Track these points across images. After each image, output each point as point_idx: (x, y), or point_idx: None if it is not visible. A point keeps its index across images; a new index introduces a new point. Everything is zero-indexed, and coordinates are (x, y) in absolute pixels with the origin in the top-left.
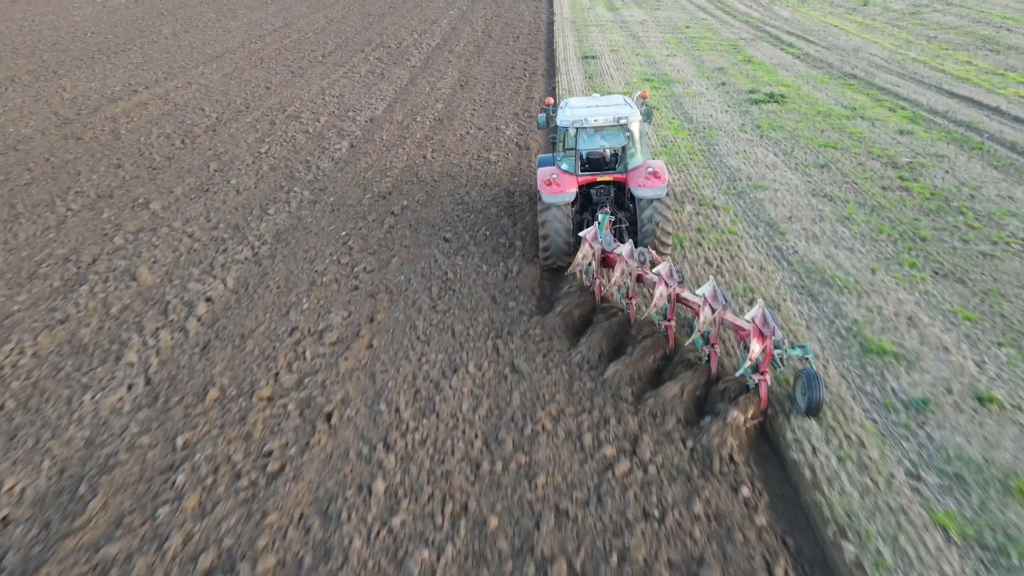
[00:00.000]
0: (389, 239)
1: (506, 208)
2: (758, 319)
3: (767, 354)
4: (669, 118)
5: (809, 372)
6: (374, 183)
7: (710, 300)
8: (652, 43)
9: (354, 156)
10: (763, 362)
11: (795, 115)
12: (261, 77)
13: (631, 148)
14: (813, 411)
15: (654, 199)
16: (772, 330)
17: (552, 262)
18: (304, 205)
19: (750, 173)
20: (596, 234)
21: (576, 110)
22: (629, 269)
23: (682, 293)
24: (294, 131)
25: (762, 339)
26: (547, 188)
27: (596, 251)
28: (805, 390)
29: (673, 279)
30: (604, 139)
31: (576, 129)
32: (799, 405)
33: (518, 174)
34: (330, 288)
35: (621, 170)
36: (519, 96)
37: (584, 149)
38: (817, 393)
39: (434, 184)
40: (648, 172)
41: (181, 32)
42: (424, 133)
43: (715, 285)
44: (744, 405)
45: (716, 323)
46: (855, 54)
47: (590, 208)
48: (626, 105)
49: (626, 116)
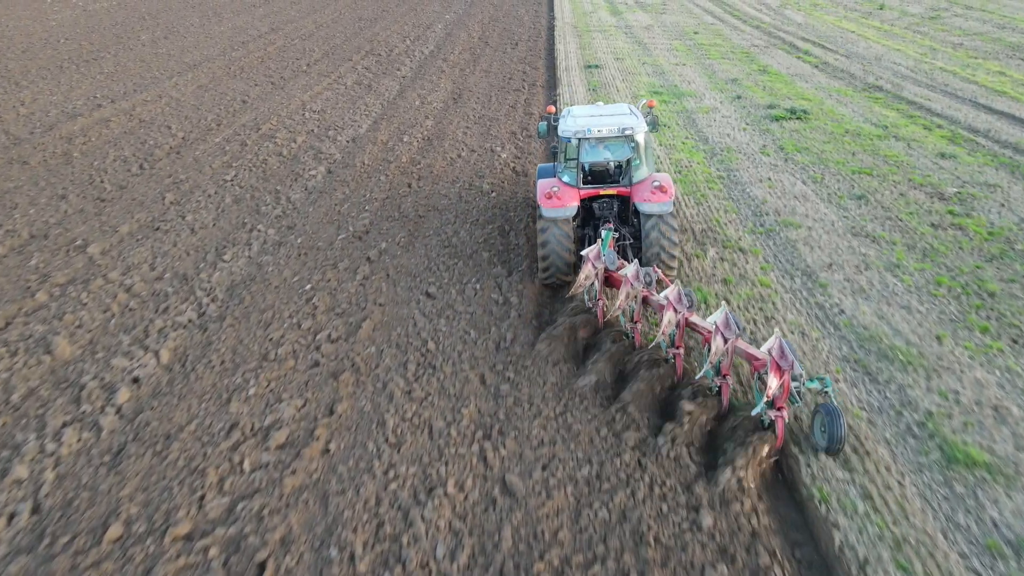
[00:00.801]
0: (362, 294)
1: (500, 252)
2: (775, 351)
3: (785, 389)
4: (682, 137)
5: (829, 407)
6: (350, 219)
7: (722, 329)
8: (659, 50)
9: (330, 185)
10: (780, 397)
11: (821, 134)
12: (238, 89)
13: (636, 160)
14: (834, 449)
15: (660, 215)
16: (791, 363)
17: (552, 280)
18: (267, 248)
19: (778, 206)
20: (599, 253)
21: (579, 119)
22: (635, 292)
23: (691, 317)
24: (266, 153)
25: (780, 373)
26: (547, 202)
27: (599, 271)
28: (825, 427)
29: (682, 304)
30: (608, 151)
31: (579, 140)
32: (818, 443)
33: (514, 207)
34: (285, 364)
35: (626, 183)
36: (516, 111)
37: (587, 161)
38: (838, 430)
39: (418, 220)
40: (654, 186)
41: (160, 38)
42: (411, 156)
43: (728, 312)
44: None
45: (728, 353)
46: (878, 63)
47: (592, 223)
48: (631, 115)
49: (631, 126)
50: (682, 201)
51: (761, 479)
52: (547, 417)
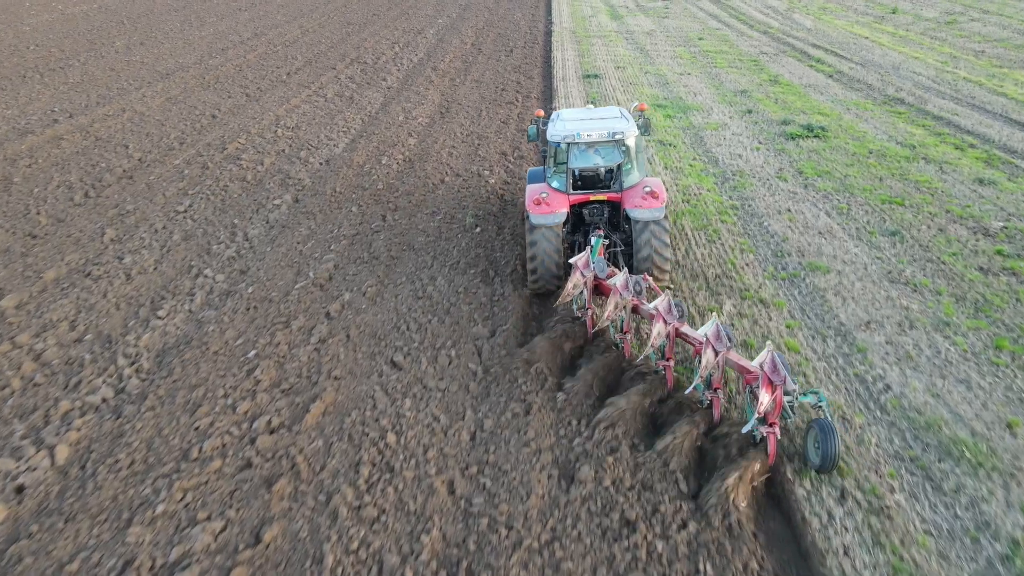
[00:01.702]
0: (315, 363)
1: (482, 306)
2: (767, 365)
3: (777, 404)
4: (690, 159)
5: (823, 423)
6: (312, 262)
7: (713, 341)
8: (662, 58)
9: (294, 217)
10: (772, 413)
11: (842, 155)
12: (209, 102)
13: (627, 165)
14: (828, 467)
15: (651, 221)
16: (783, 378)
17: (541, 287)
18: (212, 300)
19: (801, 244)
20: (588, 261)
21: (568, 123)
22: (623, 302)
23: (682, 329)
24: (229, 178)
25: (772, 388)
26: (536, 208)
27: (588, 279)
28: (819, 443)
29: (672, 315)
30: (598, 155)
31: (568, 144)
32: (812, 460)
33: (501, 246)
34: (209, 466)
35: (616, 189)
36: (508, 128)
37: (576, 166)
38: (832, 447)
39: (391, 263)
40: (645, 192)
41: (135, 45)
42: (388, 182)
43: (719, 323)
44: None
45: (719, 366)
46: (896, 72)
47: (582, 229)
48: (622, 118)
49: (622, 131)
50: (693, 238)
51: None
52: (530, 549)
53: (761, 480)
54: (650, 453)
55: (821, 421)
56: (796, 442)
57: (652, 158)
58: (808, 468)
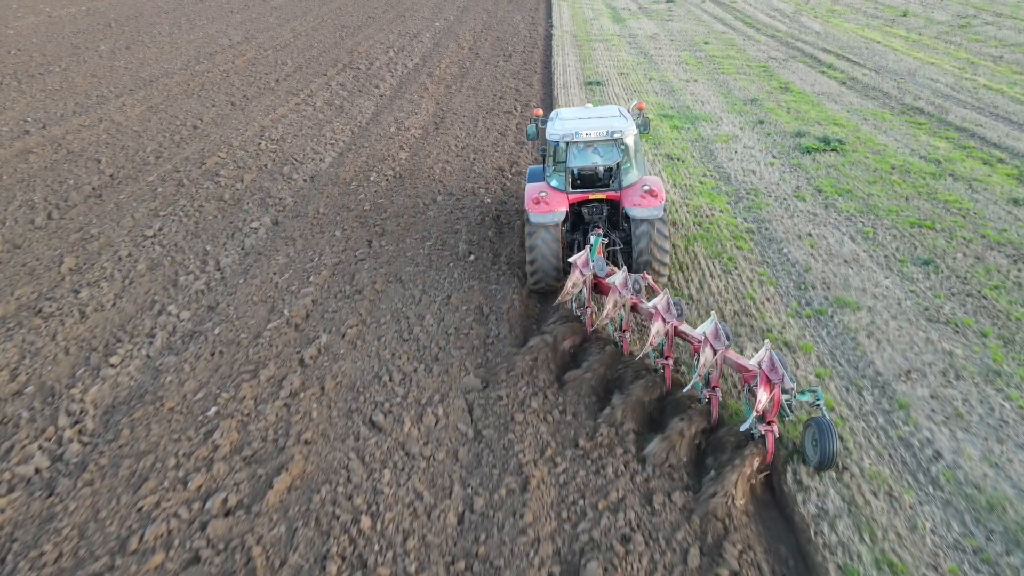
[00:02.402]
0: (284, 423)
1: (475, 350)
2: (765, 364)
3: (775, 402)
4: (700, 175)
5: (821, 421)
6: (288, 296)
7: (711, 340)
8: (667, 64)
9: (273, 243)
10: (770, 411)
11: (863, 171)
12: (192, 111)
13: (626, 164)
14: (825, 465)
15: (651, 220)
16: (781, 377)
17: (540, 286)
18: (173, 343)
19: (826, 275)
20: (587, 259)
21: (567, 122)
22: (623, 301)
23: (680, 327)
24: (205, 197)
25: (770, 387)
26: (535, 207)
27: (587, 278)
28: (816, 441)
29: (671, 313)
30: (597, 154)
31: (567, 143)
32: (809, 458)
33: (497, 277)
34: (149, 564)
35: (615, 187)
36: (506, 140)
37: (575, 165)
38: (830, 445)
39: (375, 298)
40: (644, 190)
41: (121, 49)
42: (376, 201)
43: (717, 322)
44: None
45: (718, 364)
46: (912, 79)
47: (581, 228)
48: (621, 117)
49: (621, 129)
50: (707, 268)
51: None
52: None
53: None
54: None
55: (819, 419)
56: None
57: (660, 174)
58: (807, 466)
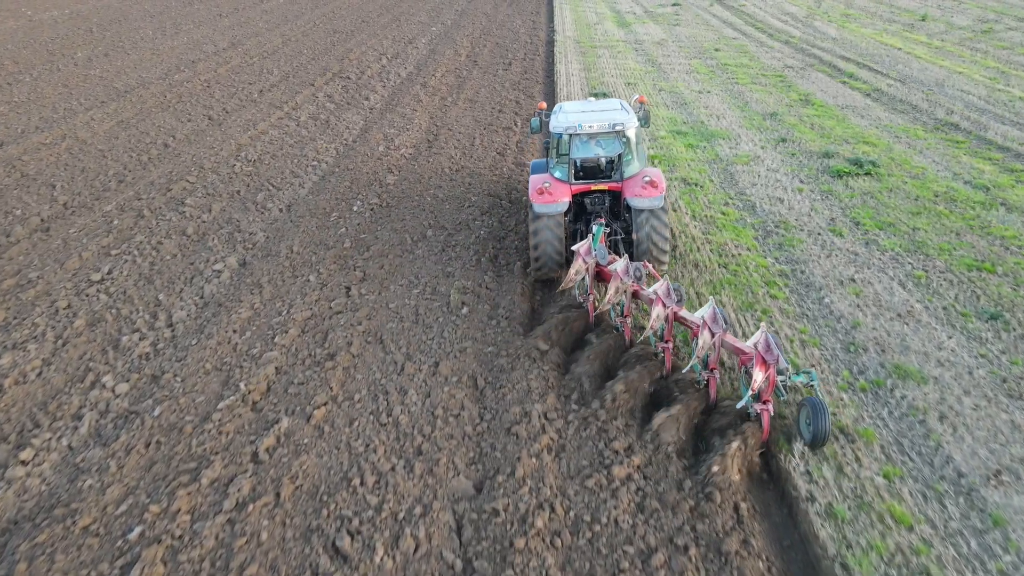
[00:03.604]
0: (224, 550)
1: (468, 439)
2: (761, 345)
3: (771, 382)
4: (721, 203)
5: (814, 401)
6: (247, 362)
7: (709, 323)
8: (677, 73)
9: (236, 290)
10: (766, 391)
11: (903, 199)
12: (166, 126)
13: (628, 156)
14: (818, 443)
15: (651, 210)
16: (775, 357)
17: (544, 274)
18: (103, 428)
19: (878, 334)
20: (590, 248)
21: (570, 115)
22: (624, 287)
23: (680, 312)
24: (166, 231)
25: (765, 367)
26: (539, 197)
27: (590, 266)
28: (810, 420)
29: (671, 298)
30: (599, 146)
31: (570, 135)
32: (803, 436)
33: (495, 339)
34: None
35: (617, 179)
36: (505, 160)
37: (578, 157)
38: (823, 424)
39: (350, 366)
40: (645, 181)
41: (99, 56)
42: (358, 237)
43: (715, 306)
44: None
45: (716, 347)
46: (941, 90)
47: (584, 218)
48: (622, 110)
49: (622, 122)
50: (738, 323)
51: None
52: None
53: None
54: None
55: (812, 399)
56: None
57: (677, 202)
58: (800, 444)
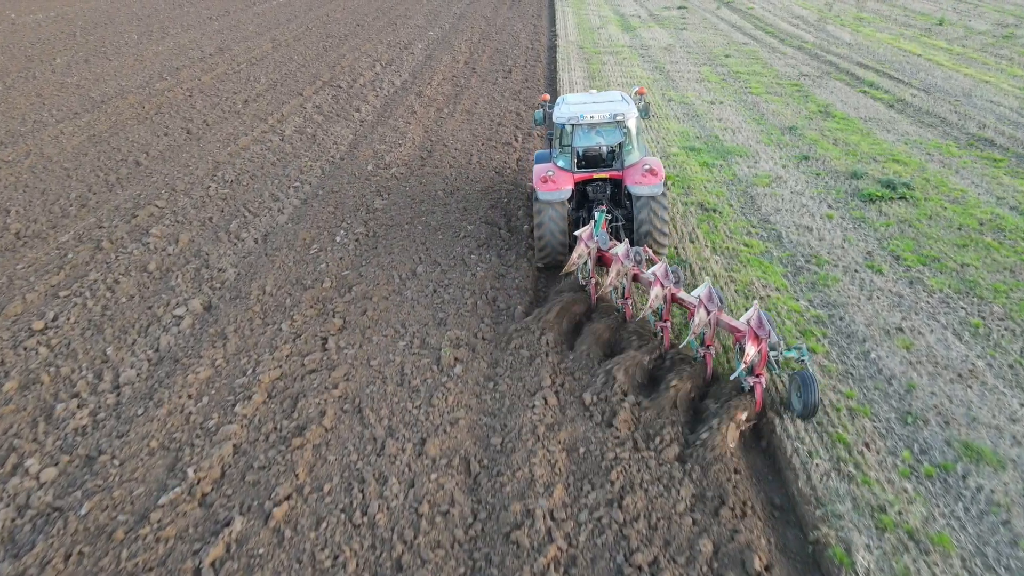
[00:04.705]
0: None
1: (458, 547)
2: (753, 321)
3: (762, 356)
4: (743, 232)
5: (804, 375)
6: (200, 439)
7: (705, 302)
8: (686, 81)
9: (196, 342)
10: (758, 364)
11: (945, 229)
12: (139, 141)
13: (628, 145)
14: (808, 414)
15: (651, 197)
16: (767, 333)
17: (548, 260)
18: (17, 533)
19: (938, 400)
20: (592, 233)
21: (572, 106)
22: (624, 269)
23: (678, 294)
24: (126, 266)
25: (757, 341)
26: (543, 185)
27: (592, 250)
28: (800, 392)
29: (669, 279)
30: (600, 136)
31: (572, 126)
32: (794, 408)
33: (494, 409)
34: None
35: (618, 167)
36: (503, 179)
37: (580, 146)
38: (812, 396)
39: (321, 443)
40: (645, 169)
41: (79, 62)
42: (340, 275)
43: (711, 286)
44: None
45: (711, 325)
46: (969, 101)
47: (586, 205)
48: (623, 101)
49: (623, 113)
50: (771, 384)
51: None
52: None
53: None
54: None
55: (803, 373)
56: None
57: (695, 231)
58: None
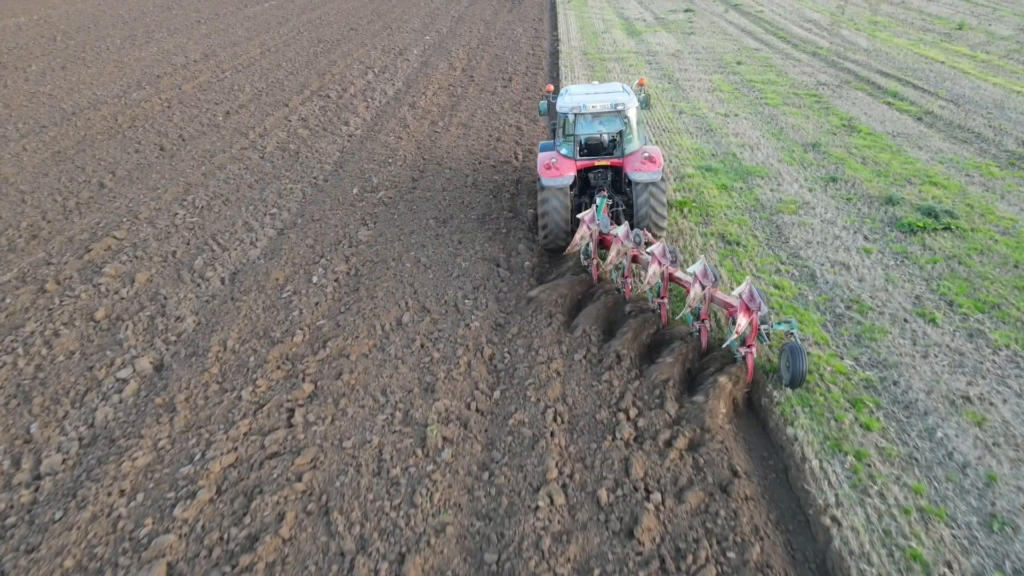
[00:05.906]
0: None
1: None
2: (745, 295)
3: (753, 328)
4: (771, 270)
5: (793, 346)
6: (128, 555)
7: (700, 278)
8: (697, 91)
9: (140, 416)
10: (749, 335)
11: (999, 266)
12: (107, 160)
13: (628, 134)
14: (796, 383)
15: (650, 183)
16: (758, 305)
17: (551, 243)
18: None
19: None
20: (594, 216)
21: (575, 97)
22: (624, 249)
23: (675, 272)
24: (69, 315)
25: (748, 313)
26: (547, 172)
27: (593, 232)
28: (789, 363)
29: (666, 258)
30: (602, 125)
31: (575, 115)
32: (783, 377)
33: (487, 506)
34: None
35: (618, 155)
36: (501, 204)
37: (583, 134)
38: (800, 365)
39: (277, 561)
40: (644, 157)
41: (55, 69)
42: (315, 325)
43: (705, 263)
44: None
45: (706, 299)
46: (1002, 114)
47: (588, 191)
48: (624, 92)
49: (623, 103)
50: (822, 476)
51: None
52: None
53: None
54: None
55: (791, 344)
56: None
57: (718, 267)
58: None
